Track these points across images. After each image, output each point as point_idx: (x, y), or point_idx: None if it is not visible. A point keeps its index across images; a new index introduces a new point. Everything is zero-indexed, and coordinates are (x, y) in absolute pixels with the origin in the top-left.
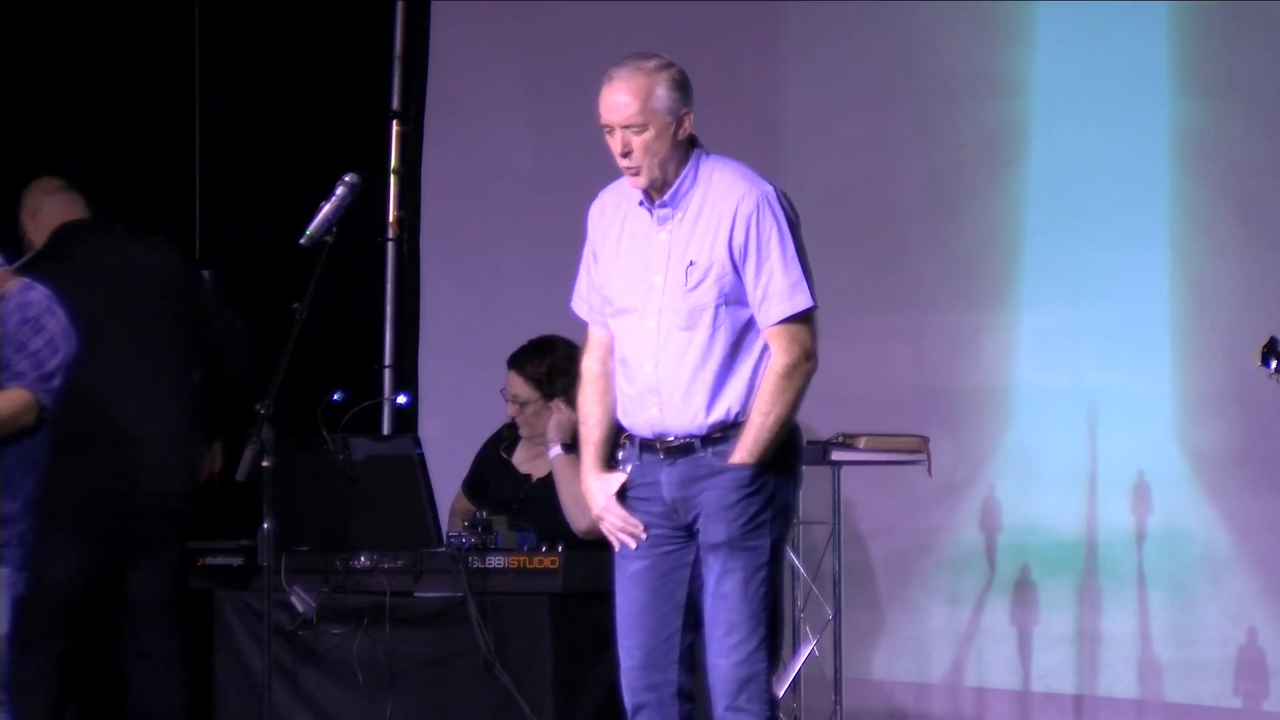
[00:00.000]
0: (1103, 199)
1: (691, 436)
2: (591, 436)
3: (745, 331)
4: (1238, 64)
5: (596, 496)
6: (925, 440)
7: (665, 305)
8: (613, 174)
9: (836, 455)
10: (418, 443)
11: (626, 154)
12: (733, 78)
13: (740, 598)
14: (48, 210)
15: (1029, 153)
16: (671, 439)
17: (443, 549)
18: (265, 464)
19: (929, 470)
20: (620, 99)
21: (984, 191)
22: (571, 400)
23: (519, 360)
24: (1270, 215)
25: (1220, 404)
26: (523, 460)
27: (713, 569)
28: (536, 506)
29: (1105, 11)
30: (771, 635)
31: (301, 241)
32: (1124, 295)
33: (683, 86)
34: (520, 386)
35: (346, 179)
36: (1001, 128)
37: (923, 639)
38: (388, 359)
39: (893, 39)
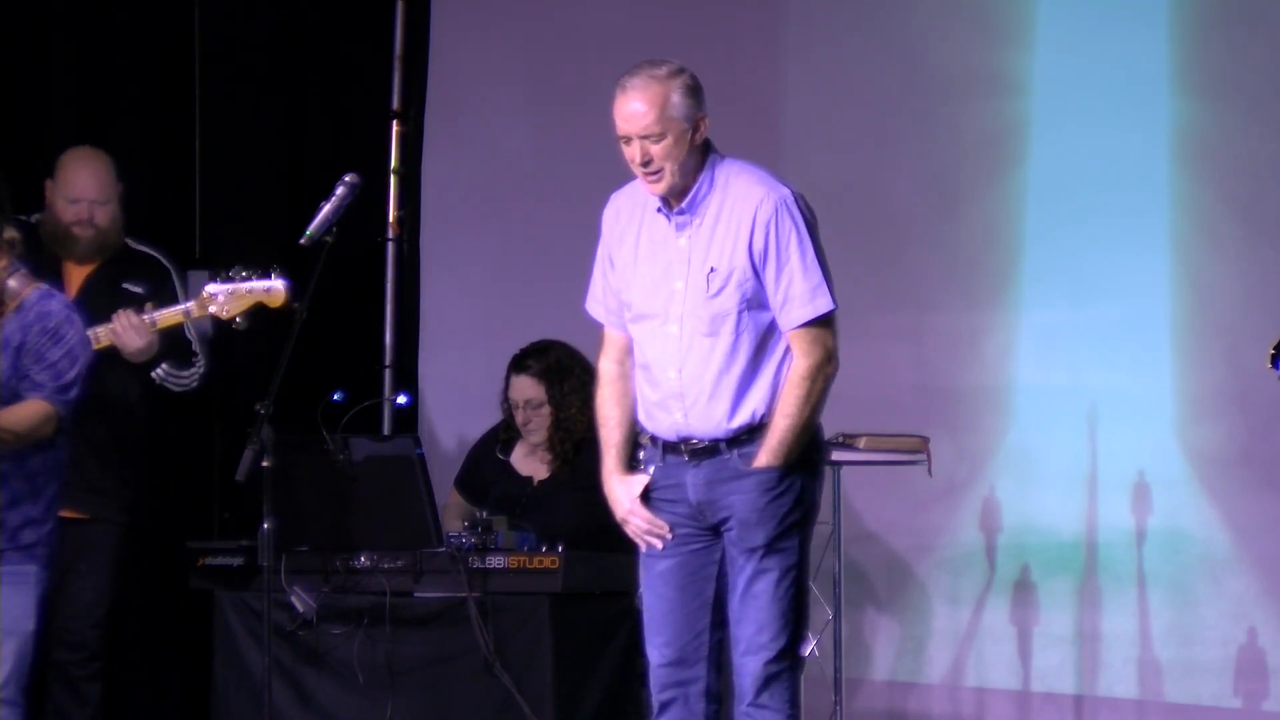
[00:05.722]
0: (1103, 199)
1: (716, 440)
2: (612, 439)
3: (768, 334)
4: (1238, 64)
5: (620, 499)
6: (925, 440)
7: (687, 311)
8: (613, 173)
9: (836, 455)
10: (418, 443)
11: (646, 163)
12: (733, 77)
13: (771, 597)
14: None
15: (1029, 153)
16: (696, 441)
17: (443, 549)
18: (265, 464)
19: (929, 470)
20: (636, 108)
21: (984, 191)
22: (585, 401)
23: (522, 362)
24: (1270, 215)
25: (1220, 404)
26: (522, 462)
27: (744, 570)
28: (538, 509)
29: (1105, 11)
30: (798, 634)
31: (301, 241)
32: (1124, 295)
33: (696, 92)
34: (530, 387)
35: (346, 179)
36: (1001, 128)
37: (923, 639)
38: (388, 359)
39: (893, 39)
